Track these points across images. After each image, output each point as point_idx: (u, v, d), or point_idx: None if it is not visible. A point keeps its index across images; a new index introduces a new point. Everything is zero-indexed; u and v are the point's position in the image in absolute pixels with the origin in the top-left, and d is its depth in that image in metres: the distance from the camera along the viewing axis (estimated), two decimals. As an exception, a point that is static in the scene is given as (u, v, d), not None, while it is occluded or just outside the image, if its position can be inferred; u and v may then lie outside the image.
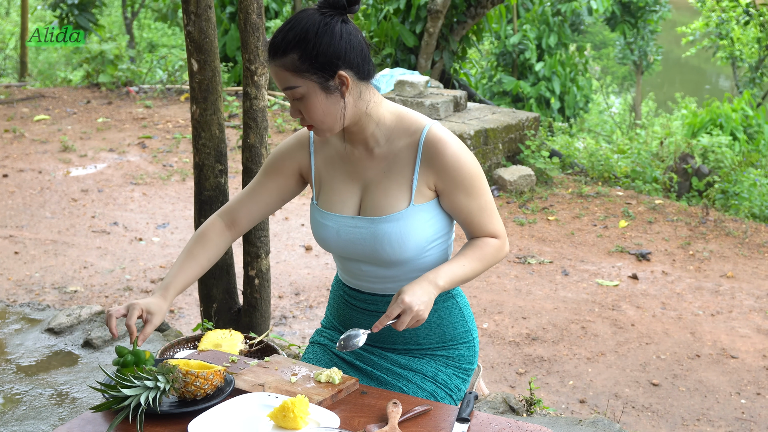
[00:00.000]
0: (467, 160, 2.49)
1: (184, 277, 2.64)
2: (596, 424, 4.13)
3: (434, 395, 2.61)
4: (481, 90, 17.97)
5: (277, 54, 2.37)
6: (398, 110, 2.54)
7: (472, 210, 2.53)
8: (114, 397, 2.25)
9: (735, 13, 20.67)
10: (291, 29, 2.36)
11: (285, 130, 11.94)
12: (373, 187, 2.53)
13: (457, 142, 2.50)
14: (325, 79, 2.37)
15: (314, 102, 2.39)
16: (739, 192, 9.96)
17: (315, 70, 2.35)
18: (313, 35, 2.34)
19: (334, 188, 2.59)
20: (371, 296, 2.65)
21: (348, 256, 2.61)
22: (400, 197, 2.50)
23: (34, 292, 6.70)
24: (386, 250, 2.50)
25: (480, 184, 2.51)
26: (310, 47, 2.34)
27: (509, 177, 9.94)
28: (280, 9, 15.31)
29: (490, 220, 2.56)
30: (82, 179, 9.82)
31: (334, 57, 2.36)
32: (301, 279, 7.15)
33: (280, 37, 2.37)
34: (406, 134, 2.50)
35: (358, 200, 2.56)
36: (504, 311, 6.74)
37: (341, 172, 2.58)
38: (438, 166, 2.47)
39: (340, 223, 2.55)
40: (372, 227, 2.51)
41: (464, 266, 2.51)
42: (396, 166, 2.51)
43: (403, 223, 2.48)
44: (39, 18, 24.72)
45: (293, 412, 2.19)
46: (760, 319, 6.79)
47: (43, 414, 3.87)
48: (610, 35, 28.30)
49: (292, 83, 2.37)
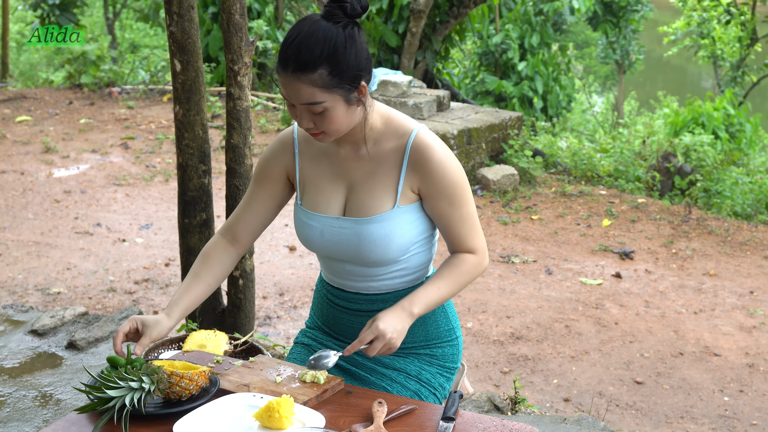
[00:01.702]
0: (453, 168, 2.49)
1: (188, 297, 2.60)
2: (580, 422, 4.15)
3: (418, 394, 2.62)
4: (464, 90, 18.00)
5: (306, 69, 2.28)
6: (388, 113, 2.53)
7: (452, 219, 2.52)
8: (99, 399, 2.25)
9: (716, 13, 20.79)
10: (317, 43, 2.28)
11: (268, 130, 11.92)
12: (358, 188, 2.52)
13: (444, 149, 2.50)
14: (349, 92, 2.34)
15: (336, 115, 2.35)
16: (722, 190, 10.01)
17: (344, 84, 2.31)
18: (343, 49, 2.29)
19: (318, 188, 2.57)
20: (354, 295, 2.65)
21: (332, 256, 2.60)
22: (385, 199, 2.49)
23: (17, 293, 6.67)
24: (370, 250, 2.50)
25: (463, 194, 2.51)
26: (340, 62, 2.29)
27: (493, 176, 9.96)
28: (262, 9, 15.29)
29: (470, 232, 2.55)
30: (64, 180, 9.79)
31: (359, 69, 2.33)
32: (285, 279, 7.14)
33: (306, 51, 2.28)
34: (394, 137, 2.50)
35: (343, 200, 2.55)
36: (488, 310, 6.75)
37: (327, 171, 2.57)
38: (423, 171, 2.47)
39: (325, 224, 2.55)
40: (357, 228, 2.50)
41: (439, 288, 2.52)
42: (382, 167, 2.50)
43: (388, 224, 2.48)
44: (20, 18, 24.60)
45: (278, 412, 2.19)
46: (743, 317, 6.83)
47: (27, 416, 3.85)
48: (592, 35, 28.38)
49: (317, 99, 2.31)
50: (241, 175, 4.59)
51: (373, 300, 2.63)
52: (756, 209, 9.79)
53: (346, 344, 2.71)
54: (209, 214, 4.75)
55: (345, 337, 2.72)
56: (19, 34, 24.61)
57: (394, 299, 2.61)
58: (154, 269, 7.27)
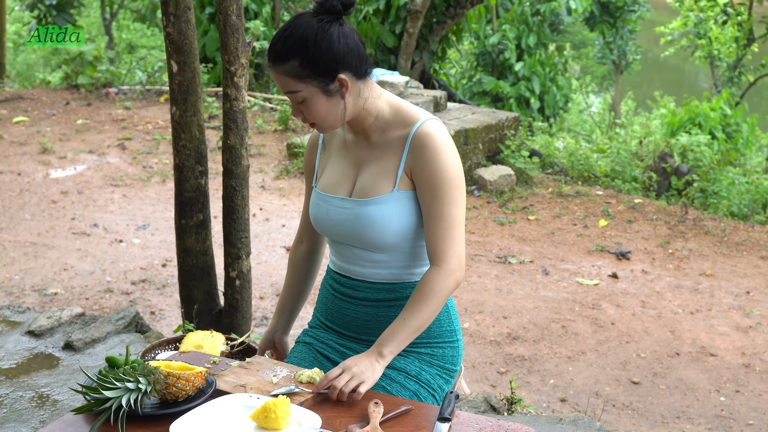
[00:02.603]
0: (446, 160, 2.51)
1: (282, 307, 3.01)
2: (577, 422, 4.15)
3: (417, 395, 2.62)
4: (461, 90, 18.00)
5: (278, 60, 2.45)
6: (397, 103, 2.62)
7: (431, 212, 2.53)
8: (95, 399, 2.25)
9: (713, 13, 20.80)
10: (290, 36, 2.43)
11: (265, 131, 11.92)
12: (364, 172, 2.61)
13: (446, 141, 2.53)
14: (325, 84, 2.46)
15: (316, 105, 2.48)
16: (718, 191, 10.02)
17: (315, 75, 2.44)
18: (313, 42, 2.42)
19: (333, 172, 2.69)
20: (361, 283, 2.69)
21: (337, 239, 2.68)
22: (385, 182, 2.56)
23: (14, 294, 6.67)
24: (368, 232, 2.56)
25: (449, 191, 2.52)
26: (309, 54, 2.42)
27: (489, 177, 9.96)
28: (259, 10, 15.28)
29: (444, 234, 2.53)
30: (61, 181, 9.78)
31: (333, 62, 2.44)
32: (281, 280, 7.14)
33: (280, 44, 2.44)
34: (401, 125, 2.58)
35: (352, 183, 2.64)
36: (485, 311, 6.76)
37: (342, 158, 2.69)
38: (418, 156, 2.52)
39: (332, 204, 2.64)
40: (357, 209, 2.58)
41: (405, 320, 2.51)
42: (387, 153, 2.58)
43: (386, 206, 2.54)
44: (17, 19, 24.59)
45: (275, 412, 2.19)
46: (739, 317, 6.84)
47: (24, 416, 3.85)
48: (589, 35, 28.41)
49: (293, 88, 2.46)
50: (238, 176, 4.59)
51: (379, 288, 2.67)
52: (752, 209, 9.80)
53: (348, 338, 2.75)
54: (206, 215, 4.75)
55: (348, 330, 2.75)
56: (16, 34, 24.60)
57: (399, 290, 2.66)
58: (151, 270, 7.28)
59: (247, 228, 4.71)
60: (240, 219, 4.67)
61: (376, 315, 2.68)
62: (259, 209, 8.81)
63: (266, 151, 11.06)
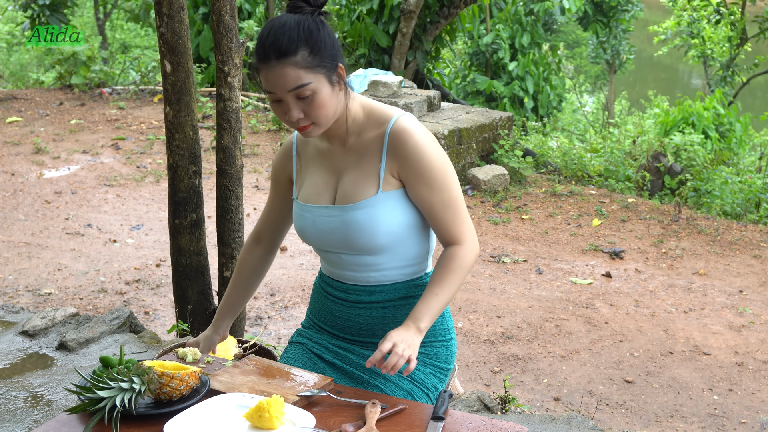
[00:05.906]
0: (430, 151, 2.52)
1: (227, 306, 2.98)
2: (570, 421, 4.16)
3: (411, 394, 2.63)
4: (454, 90, 18.01)
5: (287, 54, 2.38)
6: (369, 104, 2.61)
7: (434, 204, 2.55)
8: (89, 399, 2.25)
9: (706, 12, 20.85)
10: (291, 29, 2.39)
11: (259, 131, 11.92)
12: (345, 178, 2.59)
13: (424, 134, 2.54)
14: (331, 73, 2.44)
15: (322, 97, 2.43)
16: (711, 190, 10.04)
17: (324, 63, 2.42)
18: (317, 31, 2.41)
19: (312, 182, 2.66)
20: (353, 286, 2.68)
21: (326, 248, 2.66)
22: (368, 185, 2.55)
23: (7, 294, 6.67)
24: (358, 237, 2.55)
25: (443, 179, 2.53)
26: (317, 42, 2.40)
27: (483, 176, 9.97)
28: (253, 10, 15.27)
29: (453, 218, 2.57)
30: (55, 181, 9.77)
31: (334, 49, 2.44)
32: (275, 280, 7.15)
33: (284, 38, 2.38)
34: (375, 126, 2.57)
35: (333, 191, 2.62)
36: (479, 310, 6.77)
37: (319, 167, 2.66)
38: (400, 155, 2.52)
39: (316, 214, 2.62)
40: (343, 215, 2.56)
41: (437, 295, 2.53)
42: (365, 156, 2.57)
43: (372, 209, 2.53)
44: (10, 19, 24.54)
45: (269, 412, 2.20)
46: (732, 316, 6.85)
47: (18, 416, 3.85)
48: (582, 34, 28.42)
49: (303, 80, 2.39)
50: (232, 176, 4.59)
51: (371, 291, 2.66)
52: (745, 209, 9.83)
53: (341, 339, 2.75)
54: (200, 215, 4.76)
55: (342, 332, 2.75)
56: (9, 34, 24.56)
57: (392, 291, 2.65)
58: (145, 270, 7.27)
59: (241, 228, 4.72)
60: (234, 219, 4.68)
61: (370, 317, 2.68)
62: (253, 209, 8.81)
63: (260, 151, 11.06)
